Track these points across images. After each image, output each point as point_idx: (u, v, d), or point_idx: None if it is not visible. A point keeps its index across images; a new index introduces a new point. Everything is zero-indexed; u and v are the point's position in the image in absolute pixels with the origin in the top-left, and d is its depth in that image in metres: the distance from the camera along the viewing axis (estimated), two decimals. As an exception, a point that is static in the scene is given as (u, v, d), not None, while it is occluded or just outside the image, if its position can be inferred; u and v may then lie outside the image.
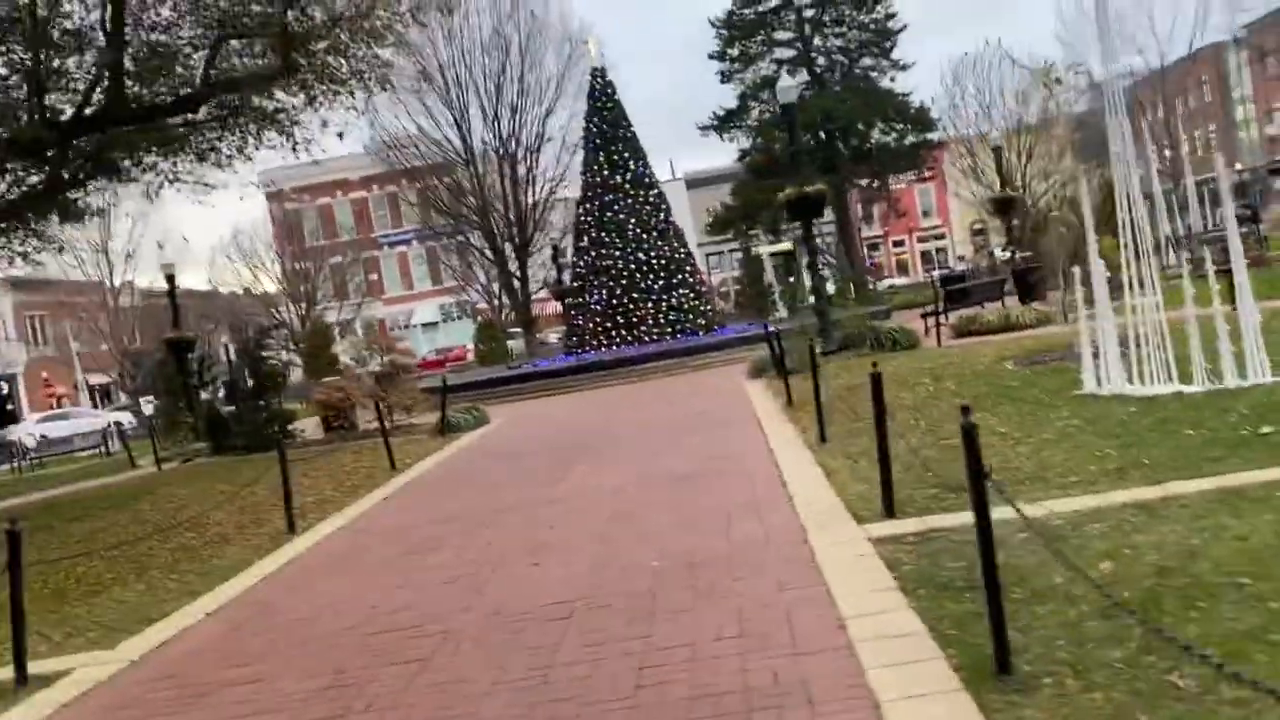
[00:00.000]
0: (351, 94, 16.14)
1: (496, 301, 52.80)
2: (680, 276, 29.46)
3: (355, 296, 63.55)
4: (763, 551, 6.26)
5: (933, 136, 43.39)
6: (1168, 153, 47.58)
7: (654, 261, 29.03)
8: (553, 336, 47.25)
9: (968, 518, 4.07)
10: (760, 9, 43.98)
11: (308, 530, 9.75)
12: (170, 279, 27.82)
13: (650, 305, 28.63)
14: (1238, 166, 45.90)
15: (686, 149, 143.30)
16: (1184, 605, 4.09)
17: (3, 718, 5.40)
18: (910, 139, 43.03)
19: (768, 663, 4.33)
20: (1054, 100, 56.80)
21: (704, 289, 30.93)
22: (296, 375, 53.93)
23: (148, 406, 46.35)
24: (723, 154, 53.47)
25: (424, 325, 71.38)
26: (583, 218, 30.35)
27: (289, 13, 14.64)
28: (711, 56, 44.98)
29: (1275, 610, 3.89)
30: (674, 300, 28.86)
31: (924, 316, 20.21)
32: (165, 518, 11.84)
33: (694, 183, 70.21)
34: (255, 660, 5.73)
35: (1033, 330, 17.80)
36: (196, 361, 28.26)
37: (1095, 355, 9.52)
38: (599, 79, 30.52)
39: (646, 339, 28.17)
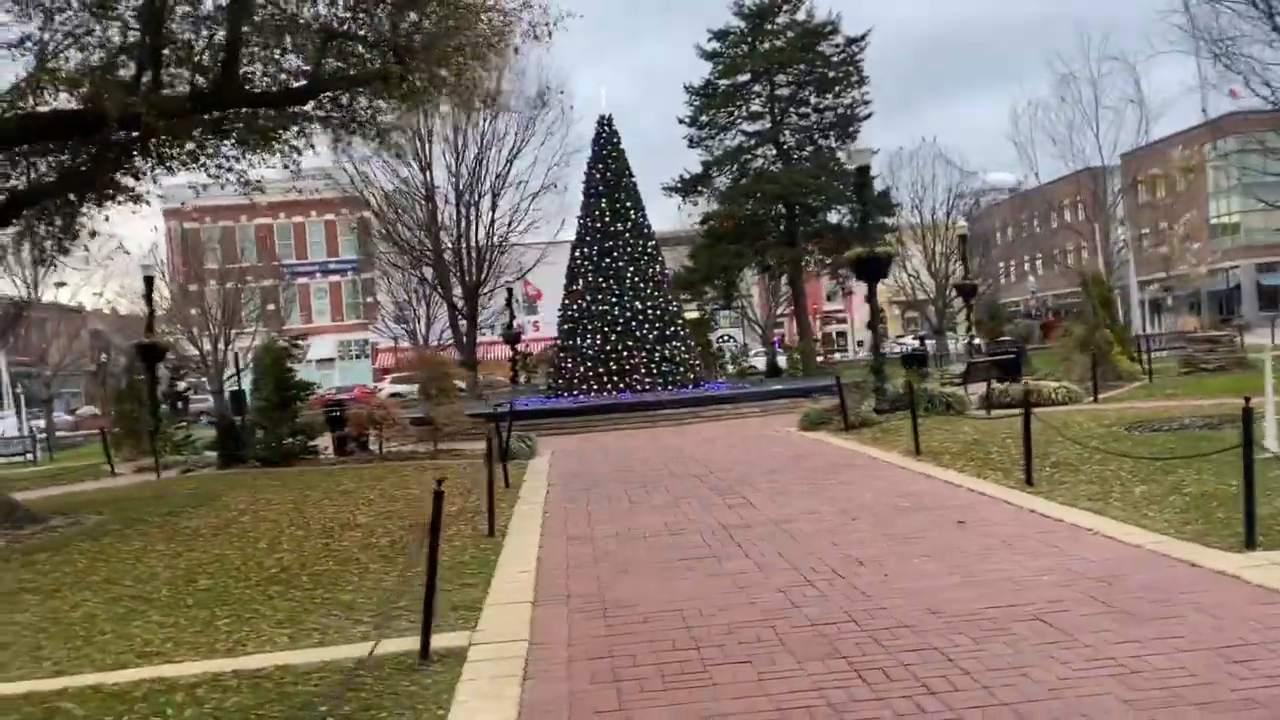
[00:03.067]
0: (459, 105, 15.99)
1: (432, 341, 51.82)
2: (673, 329, 29.65)
3: (248, 325, 60.38)
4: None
5: (889, 221, 45.05)
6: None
7: (649, 311, 29.13)
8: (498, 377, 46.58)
9: None
10: (735, 81, 45.15)
11: (508, 535, 9.41)
12: (149, 281, 26.55)
13: (644, 354, 28.64)
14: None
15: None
16: None
17: (464, 687, 5.05)
18: (869, 221, 44.45)
19: None
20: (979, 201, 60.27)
21: (692, 344, 31.11)
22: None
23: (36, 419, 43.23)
24: (667, 217, 54.02)
25: (319, 361, 68.74)
26: (578, 262, 30.28)
27: (401, 19, 14.49)
28: (682, 121, 45.86)
29: None
30: (667, 352, 28.97)
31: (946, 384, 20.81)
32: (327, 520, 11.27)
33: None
34: (678, 650, 5.52)
35: (1067, 406, 18.42)
36: (170, 369, 26.93)
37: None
38: (605, 127, 30.79)
39: (638, 388, 28.12)
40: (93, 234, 17.61)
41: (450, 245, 44.93)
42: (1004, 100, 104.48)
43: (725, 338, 61.79)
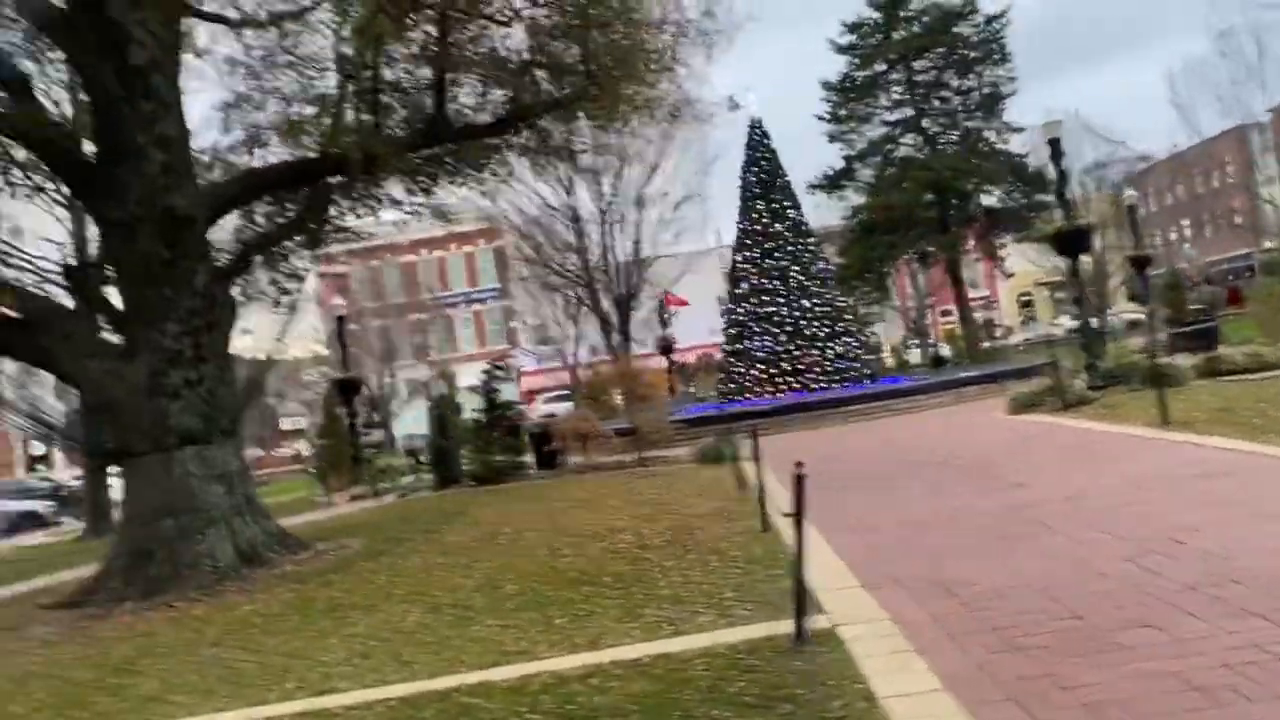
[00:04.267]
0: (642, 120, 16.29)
1: (582, 358, 52.75)
2: (843, 325, 29.37)
3: (406, 359, 62.03)
4: None
5: (1046, 198, 43.51)
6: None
7: (817, 309, 28.94)
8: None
9: None
10: (873, 72, 44.59)
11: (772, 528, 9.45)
12: (340, 320, 27.92)
13: (816, 353, 28.45)
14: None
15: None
16: None
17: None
18: (1023, 201, 43.21)
19: None
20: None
21: (864, 338, 30.77)
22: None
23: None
24: (809, 215, 53.65)
25: (468, 387, 70.44)
26: (740, 265, 30.32)
27: (589, 42, 14.85)
28: (821, 118, 45.48)
29: None
30: (839, 348, 28.69)
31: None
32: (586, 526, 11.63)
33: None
34: (1059, 619, 5.46)
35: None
36: (367, 403, 28.25)
37: None
38: (756, 129, 30.82)
39: (813, 387, 27.92)
40: (300, 277, 18.67)
41: (597, 263, 45.73)
42: (1148, 65, 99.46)
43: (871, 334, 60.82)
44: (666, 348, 42.19)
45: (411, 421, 46.95)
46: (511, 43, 15.14)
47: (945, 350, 43.73)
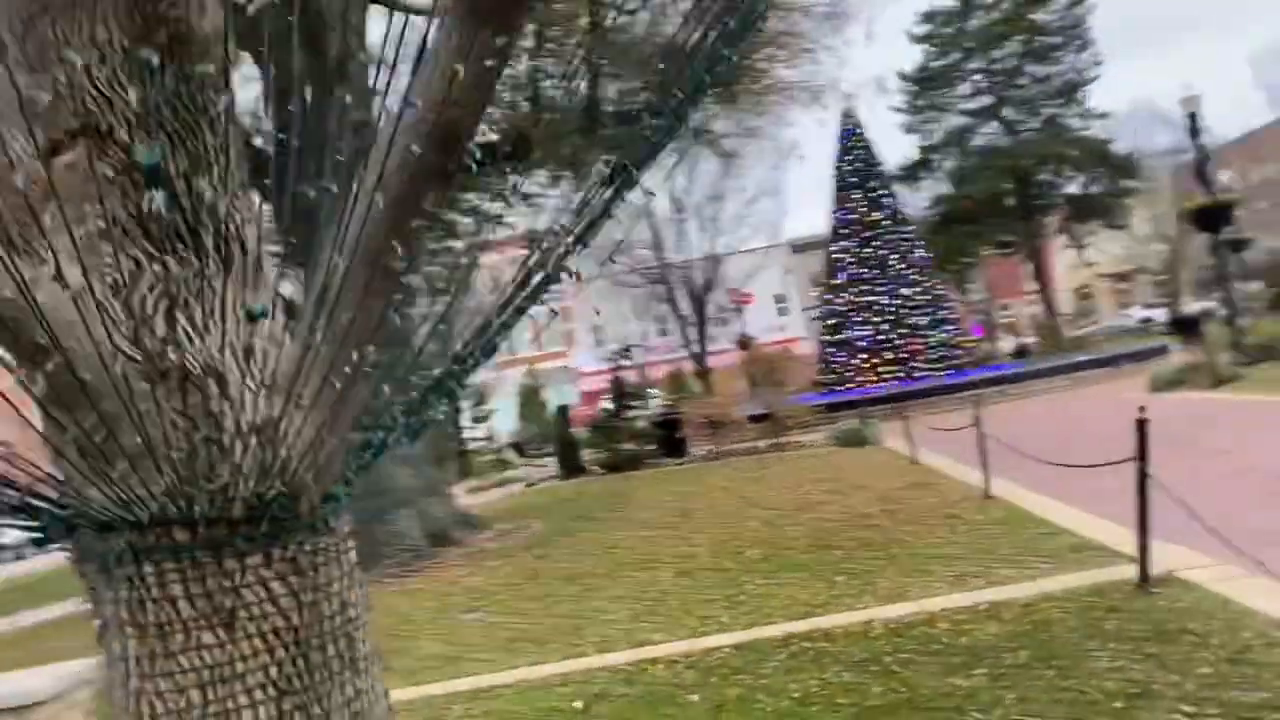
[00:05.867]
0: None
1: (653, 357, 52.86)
2: (944, 312, 29.22)
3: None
4: None
5: (1132, 184, 42.96)
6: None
7: (918, 297, 28.83)
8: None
9: None
10: (950, 61, 44.27)
11: (999, 497, 9.47)
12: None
13: (920, 341, 28.34)
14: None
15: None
16: None
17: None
18: (1107, 187, 42.63)
19: None
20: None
21: (964, 326, 30.61)
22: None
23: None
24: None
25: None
26: (837, 256, 30.29)
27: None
28: (899, 110, 45.29)
29: None
30: (942, 335, 28.56)
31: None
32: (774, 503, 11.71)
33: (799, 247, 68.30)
34: None
35: None
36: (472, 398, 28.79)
37: None
38: (850, 119, 30.75)
39: (916, 375, 27.80)
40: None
41: (673, 259, 45.89)
42: (1227, 47, 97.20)
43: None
44: (745, 343, 42.18)
45: (501, 416, 47.52)
46: (660, 28, 15.25)
47: (1028, 340, 43.17)
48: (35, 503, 1.90)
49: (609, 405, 19.76)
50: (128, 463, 1.87)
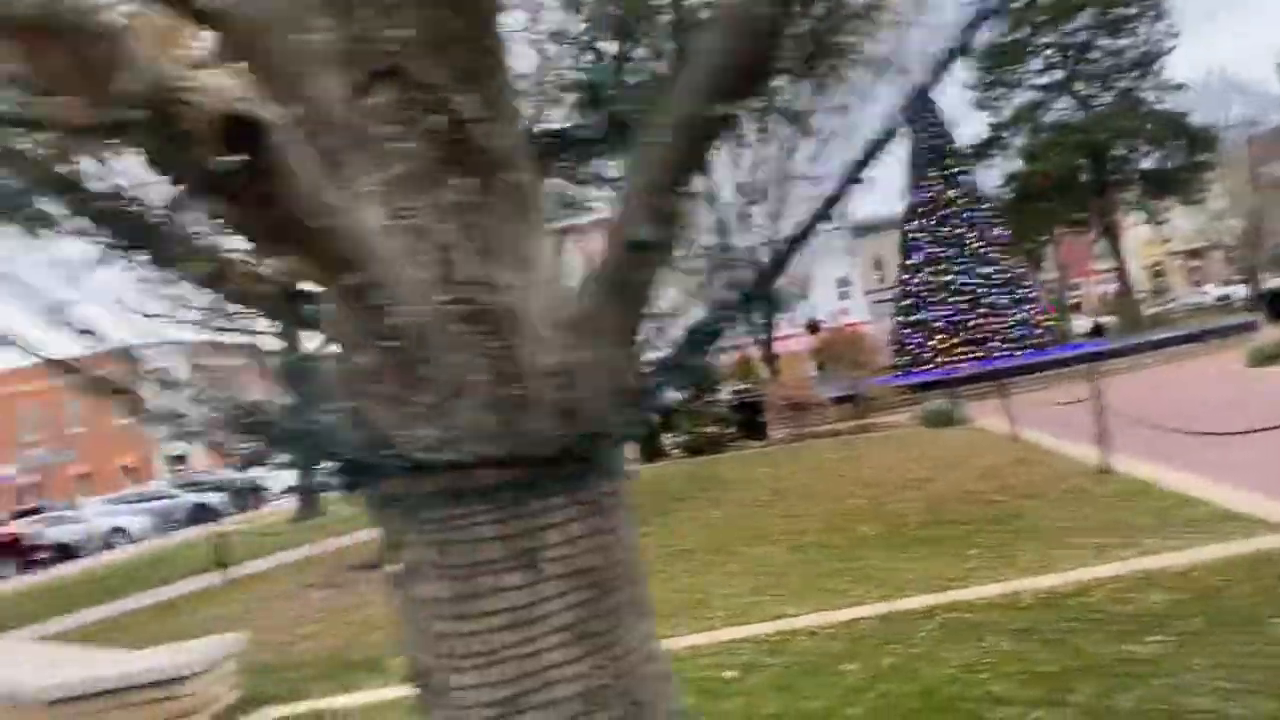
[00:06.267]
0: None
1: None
2: (1021, 292, 28.67)
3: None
4: None
5: (1209, 158, 41.66)
6: None
7: (995, 276, 28.33)
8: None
9: None
10: (1021, 37, 43.25)
11: (1119, 473, 9.24)
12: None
13: (998, 321, 27.85)
14: None
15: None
16: None
17: None
18: (1183, 161, 41.40)
19: None
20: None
21: (1043, 306, 30.00)
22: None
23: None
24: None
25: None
26: (911, 235, 29.86)
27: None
28: (970, 87, 44.40)
29: None
30: (1021, 315, 28.03)
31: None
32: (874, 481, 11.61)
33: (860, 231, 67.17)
34: None
35: None
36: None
37: None
38: (921, 96, 30.21)
39: (995, 355, 27.31)
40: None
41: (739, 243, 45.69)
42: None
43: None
44: (814, 327, 41.95)
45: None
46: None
47: (1104, 319, 42.27)
48: (352, 451, 1.91)
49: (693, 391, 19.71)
50: (444, 404, 1.88)
